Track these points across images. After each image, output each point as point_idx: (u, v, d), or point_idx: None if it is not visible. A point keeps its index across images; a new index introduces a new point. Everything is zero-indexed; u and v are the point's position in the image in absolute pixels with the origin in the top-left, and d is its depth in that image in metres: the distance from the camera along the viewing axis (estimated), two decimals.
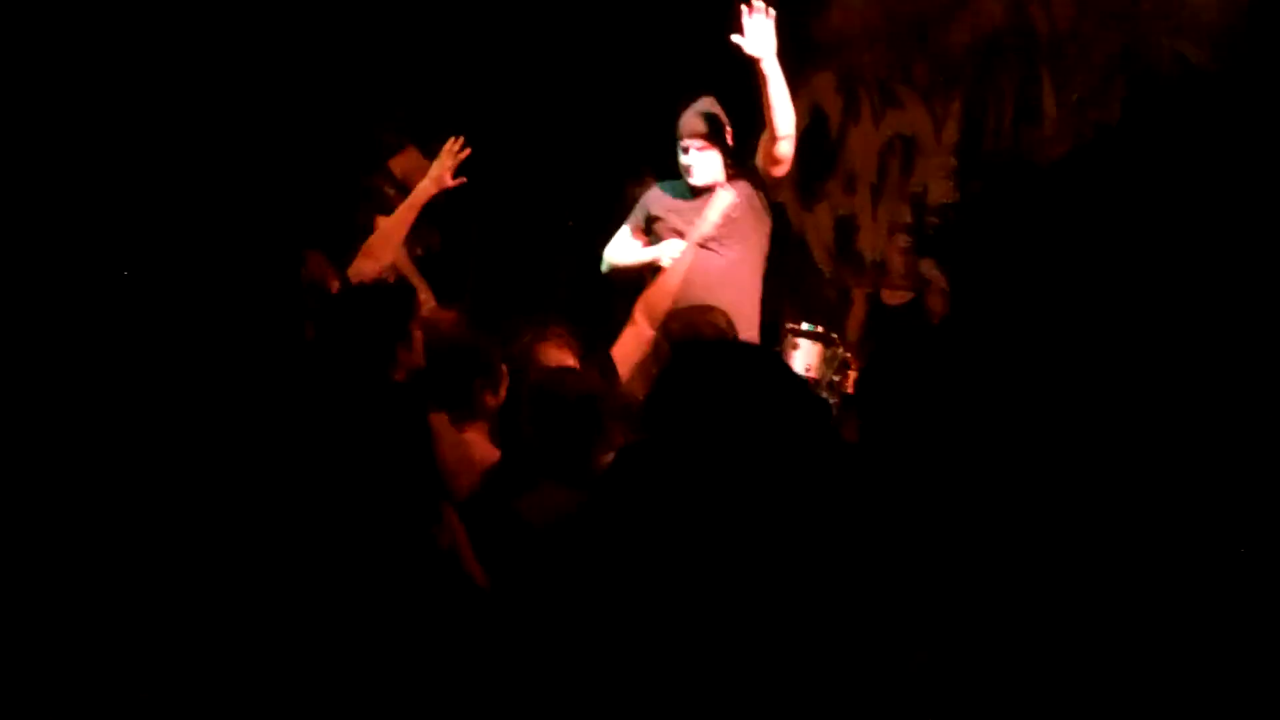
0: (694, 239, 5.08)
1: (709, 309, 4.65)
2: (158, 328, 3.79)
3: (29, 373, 3.47)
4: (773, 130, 4.93)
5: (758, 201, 5.16)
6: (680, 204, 5.25)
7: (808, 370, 5.68)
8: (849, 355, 5.73)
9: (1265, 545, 2.65)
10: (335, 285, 4.31)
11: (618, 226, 5.44)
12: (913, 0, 7.14)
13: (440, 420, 3.76)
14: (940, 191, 7.13)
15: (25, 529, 2.81)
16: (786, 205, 7.55)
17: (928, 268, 6.88)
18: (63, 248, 4.39)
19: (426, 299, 5.05)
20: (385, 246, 4.64)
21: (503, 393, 4.06)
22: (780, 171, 5.12)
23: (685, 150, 5.13)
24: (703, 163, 5.11)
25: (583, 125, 6.58)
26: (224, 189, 5.07)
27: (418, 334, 3.84)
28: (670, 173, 5.34)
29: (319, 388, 3.34)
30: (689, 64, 5.91)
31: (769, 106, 4.87)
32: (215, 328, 3.78)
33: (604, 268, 5.45)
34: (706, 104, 5.19)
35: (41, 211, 4.55)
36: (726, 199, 5.09)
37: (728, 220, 5.07)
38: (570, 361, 4.32)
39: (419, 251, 5.28)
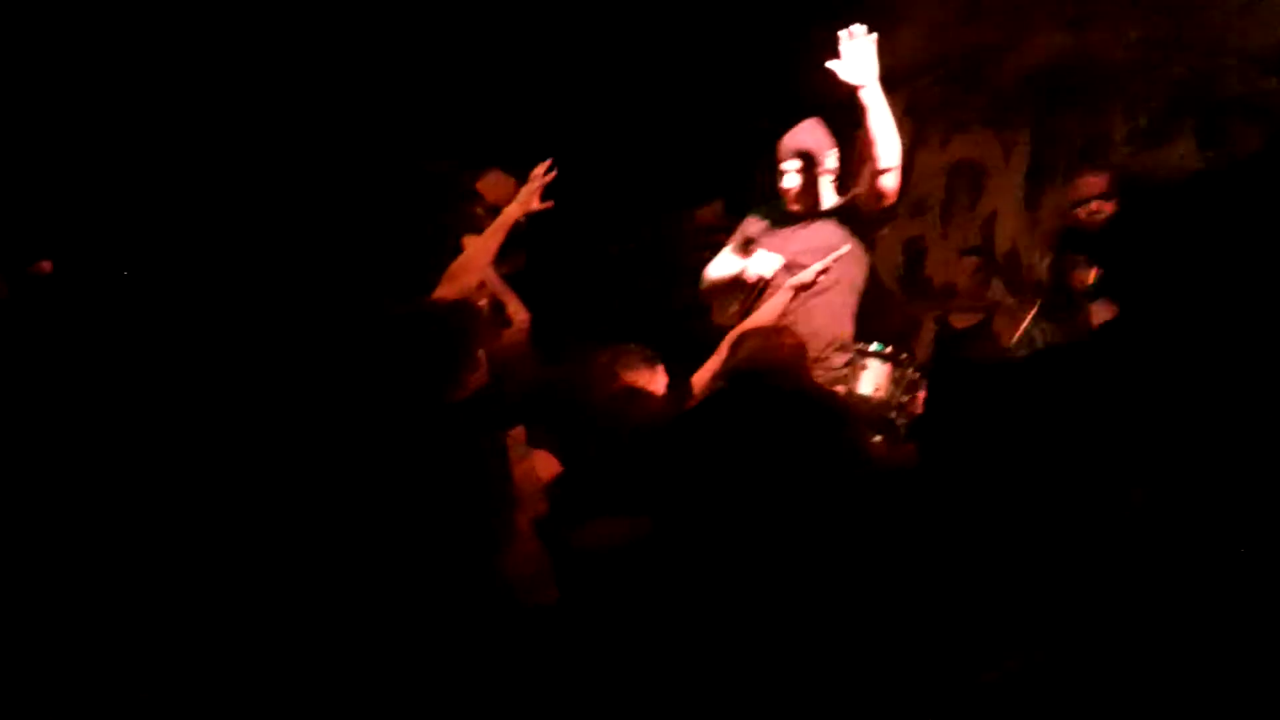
0: (794, 282, 4.81)
1: (781, 330, 4.47)
2: (221, 352, 3.84)
3: (87, 402, 3.54)
4: (875, 163, 4.62)
5: (858, 239, 4.88)
6: (775, 228, 5.03)
7: (876, 390, 5.65)
8: (918, 376, 5.74)
9: None
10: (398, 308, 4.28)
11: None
12: (975, 34, 7.19)
13: (515, 436, 3.78)
14: (1010, 217, 7.16)
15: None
16: None
17: (996, 290, 6.89)
18: (131, 276, 4.48)
19: (517, 310, 5.06)
20: (470, 270, 4.58)
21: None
22: (885, 204, 4.78)
23: (783, 174, 4.92)
24: (801, 187, 4.90)
25: (645, 150, 6.60)
26: (289, 213, 5.14)
27: (481, 354, 3.81)
28: (762, 196, 5.20)
29: (379, 410, 3.34)
30: (756, 89, 5.88)
31: (871, 138, 4.58)
32: (280, 351, 3.82)
33: (701, 285, 5.33)
34: (810, 125, 4.95)
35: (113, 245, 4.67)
36: (840, 250, 4.80)
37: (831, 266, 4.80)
38: (654, 379, 4.26)
39: (506, 270, 5.28)
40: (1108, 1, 6.74)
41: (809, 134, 4.92)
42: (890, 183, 4.68)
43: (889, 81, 7.66)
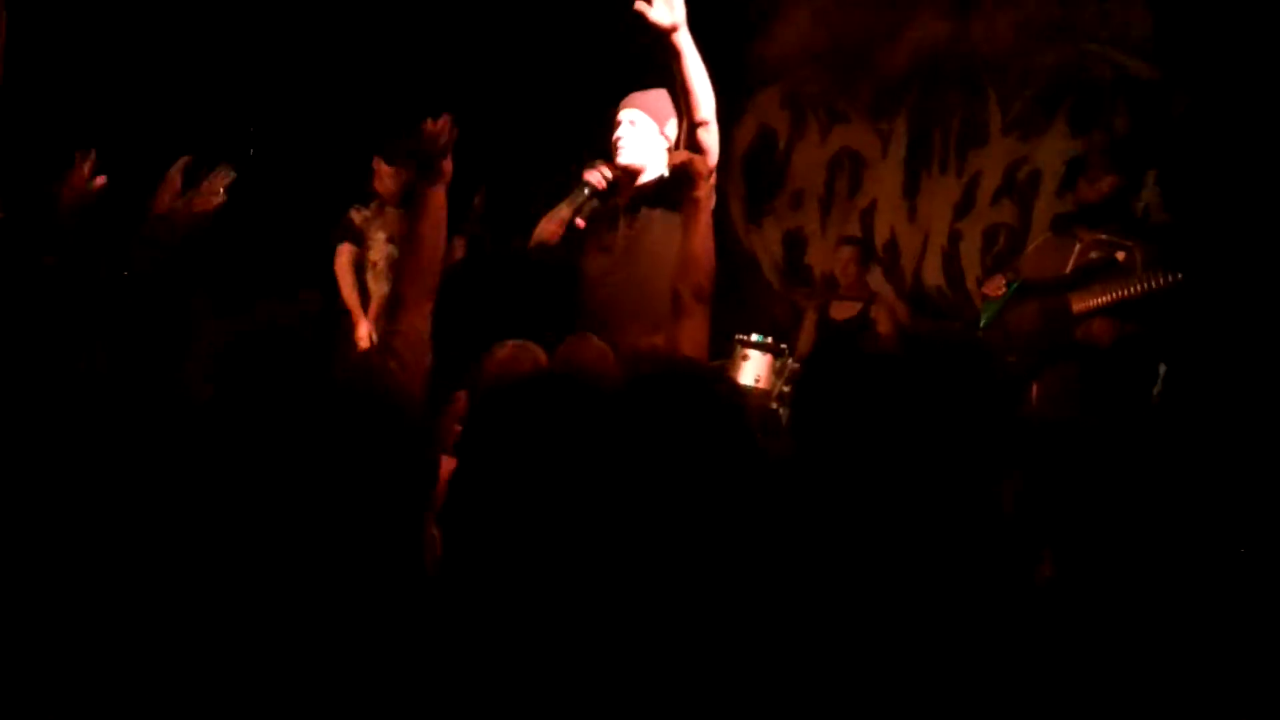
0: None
1: (588, 343, 4.13)
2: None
3: None
4: (692, 114, 4.20)
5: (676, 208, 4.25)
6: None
7: (757, 381, 5.67)
8: (799, 366, 5.74)
9: None
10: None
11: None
12: (857, 22, 7.23)
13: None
14: (889, 206, 7.20)
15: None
16: (735, 221, 7.61)
17: (875, 280, 6.92)
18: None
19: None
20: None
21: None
22: (707, 162, 4.16)
23: (615, 125, 4.55)
24: (631, 138, 4.53)
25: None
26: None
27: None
28: None
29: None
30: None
31: (685, 88, 4.17)
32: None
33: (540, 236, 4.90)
34: (657, 91, 4.50)
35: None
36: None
37: (630, 220, 4.44)
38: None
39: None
40: None
41: (653, 95, 4.65)
42: (708, 138, 4.19)
43: (771, 72, 7.73)
